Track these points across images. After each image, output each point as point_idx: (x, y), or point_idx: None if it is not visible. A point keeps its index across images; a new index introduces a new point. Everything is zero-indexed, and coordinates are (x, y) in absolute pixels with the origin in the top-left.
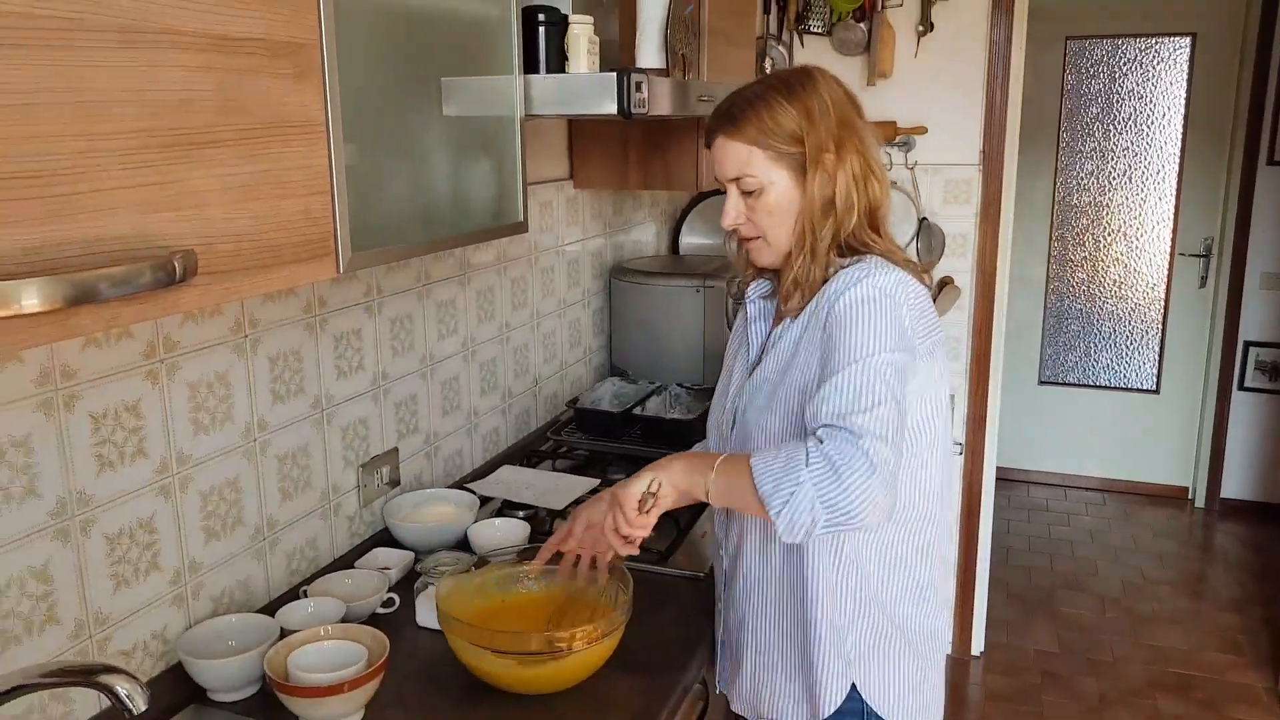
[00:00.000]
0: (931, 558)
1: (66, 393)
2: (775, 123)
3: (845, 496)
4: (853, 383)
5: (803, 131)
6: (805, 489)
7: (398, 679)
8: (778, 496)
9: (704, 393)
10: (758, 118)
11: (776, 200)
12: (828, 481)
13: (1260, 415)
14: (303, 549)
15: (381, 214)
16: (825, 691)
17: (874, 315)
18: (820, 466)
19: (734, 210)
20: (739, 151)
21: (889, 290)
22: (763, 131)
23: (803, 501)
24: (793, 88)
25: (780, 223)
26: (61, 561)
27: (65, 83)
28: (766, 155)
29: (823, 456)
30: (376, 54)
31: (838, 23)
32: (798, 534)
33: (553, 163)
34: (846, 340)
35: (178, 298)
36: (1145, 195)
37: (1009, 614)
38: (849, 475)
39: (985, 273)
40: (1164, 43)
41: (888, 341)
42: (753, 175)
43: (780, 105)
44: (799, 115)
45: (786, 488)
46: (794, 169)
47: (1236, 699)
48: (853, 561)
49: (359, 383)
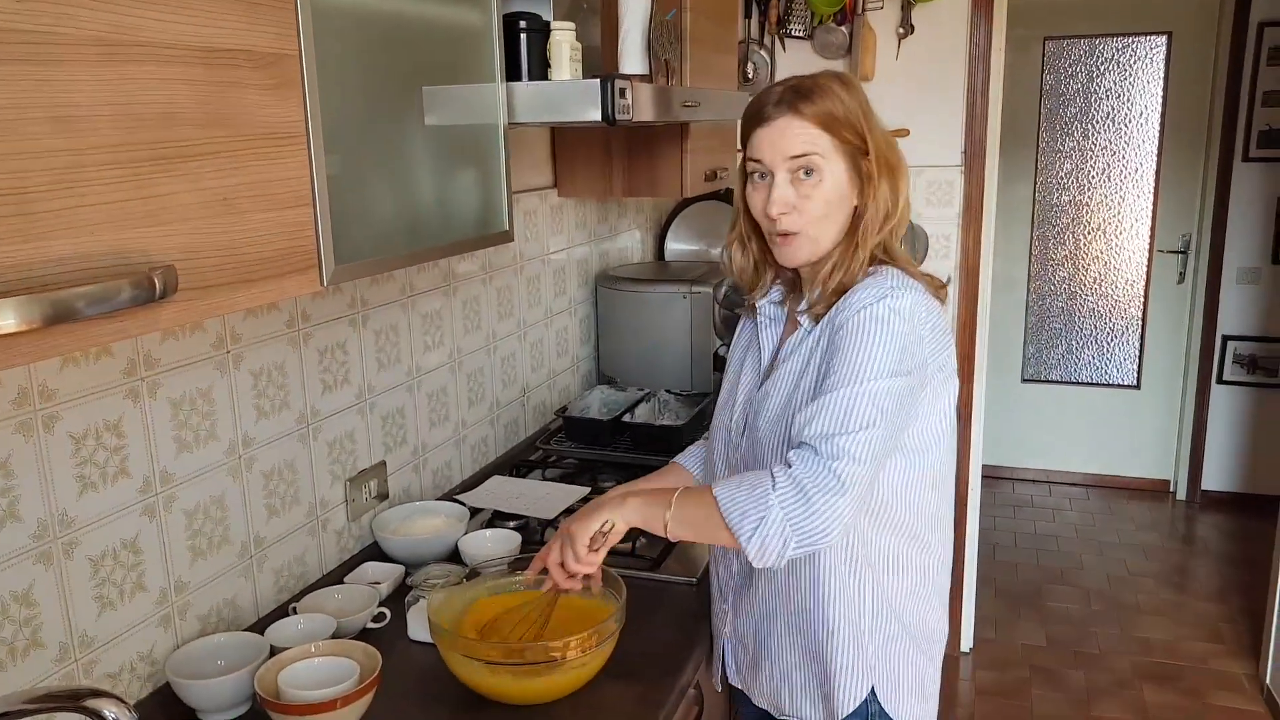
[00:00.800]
0: (937, 558)
1: (46, 413)
2: (846, 111)
3: (813, 519)
4: (843, 404)
5: (864, 129)
6: (774, 513)
7: (391, 694)
8: (747, 523)
9: (693, 399)
10: (831, 102)
11: (833, 188)
12: (796, 505)
13: (1239, 408)
14: (291, 565)
15: (365, 225)
16: (843, 693)
17: (883, 337)
18: (787, 491)
19: (784, 197)
20: (808, 131)
21: (905, 314)
22: (835, 117)
23: (772, 527)
24: (850, 87)
25: (831, 215)
26: (44, 585)
27: (43, 97)
28: (833, 142)
29: (790, 481)
30: (357, 64)
31: (819, 26)
32: (769, 559)
33: (536, 171)
34: (849, 358)
35: (158, 314)
36: (1124, 193)
37: (997, 609)
38: (817, 497)
39: (968, 273)
40: (1140, 42)
41: (890, 365)
42: (820, 155)
43: (848, 98)
44: (860, 112)
45: (754, 514)
46: (852, 164)
47: (1219, 686)
48: (866, 563)
49: (345, 396)
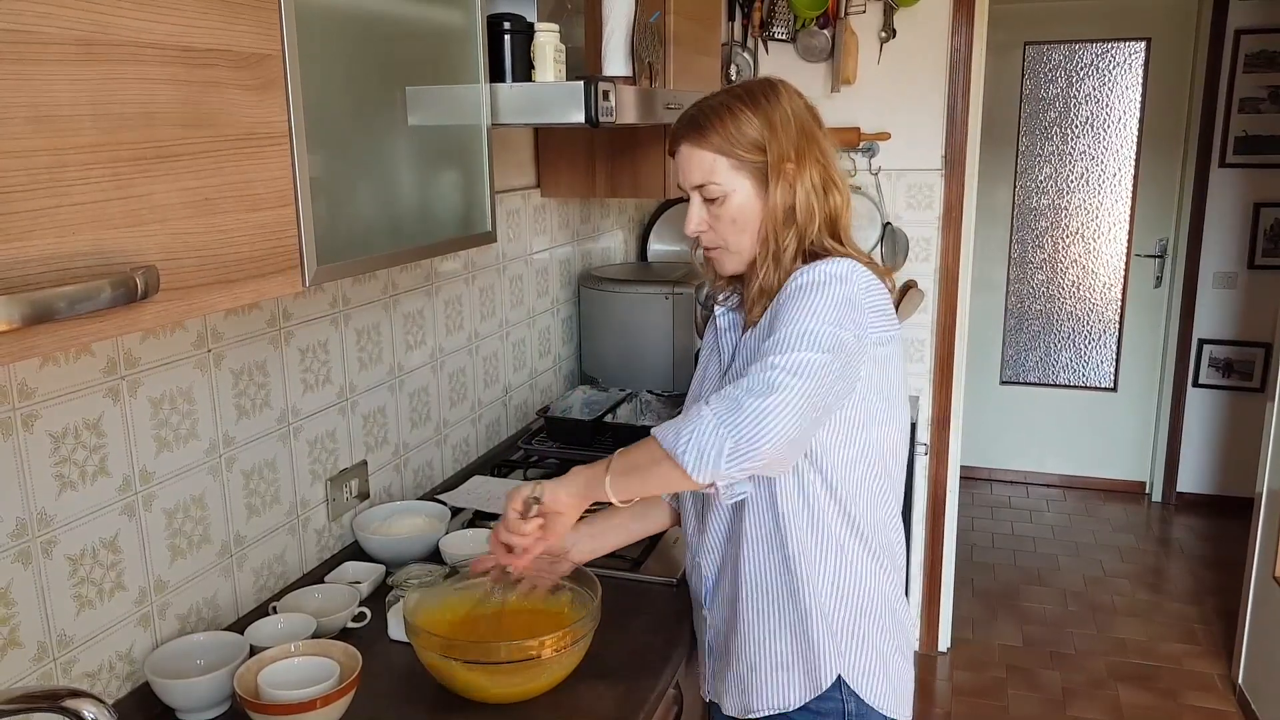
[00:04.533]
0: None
1: (25, 412)
2: (739, 131)
3: (745, 419)
4: (781, 338)
5: (765, 141)
6: (706, 420)
7: (371, 694)
8: (681, 438)
9: (675, 399)
10: (722, 126)
11: (739, 208)
12: (728, 410)
13: (1214, 411)
14: (271, 565)
15: (347, 225)
16: (808, 678)
17: (819, 295)
18: (718, 403)
19: (697, 218)
20: (703, 159)
21: (839, 275)
22: (726, 140)
23: (706, 431)
24: (756, 98)
25: (742, 230)
26: (23, 584)
27: (23, 96)
28: (730, 163)
29: (720, 396)
30: (340, 64)
31: (801, 29)
32: (707, 465)
33: (519, 171)
34: (787, 311)
35: (139, 315)
36: (1102, 198)
37: (974, 610)
38: (747, 400)
39: (948, 276)
40: (1119, 48)
41: (829, 316)
42: (716, 183)
43: (744, 114)
44: (761, 125)
45: (688, 428)
46: (756, 178)
47: (1193, 687)
48: (830, 538)
49: (326, 396)
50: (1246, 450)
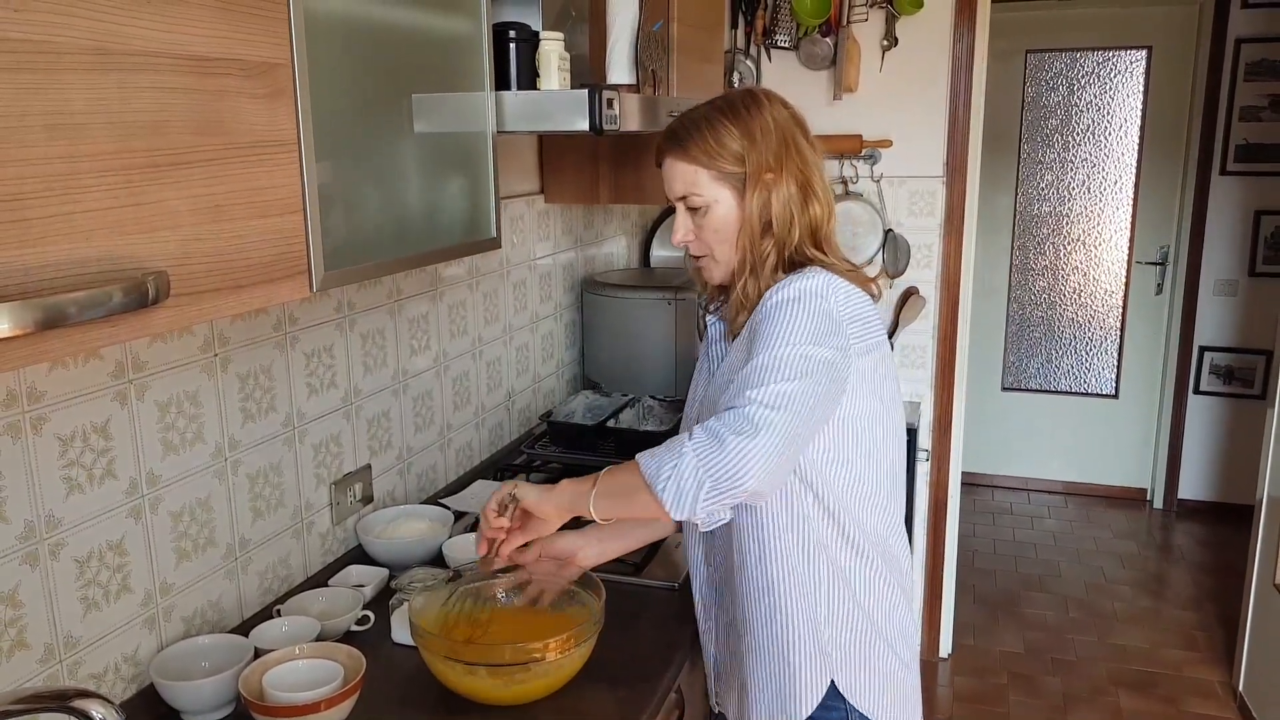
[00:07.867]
0: (894, 550)
1: (34, 415)
2: (719, 143)
3: (725, 460)
4: (760, 367)
5: (744, 152)
6: (687, 459)
7: (374, 696)
8: (662, 472)
9: (677, 404)
10: (702, 138)
11: (721, 218)
12: (708, 448)
13: (1215, 418)
14: (275, 568)
15: (354, 232)
16: (805, 689)
17: (795, 313)
18: (701, 438)
19: (683, 228)
20: (685, 171)
21: (815, 290)
22: (706, 152)
23: (685, 469)
24: (737, 109)
25: (725, 240)
26: (30, 585)
27: (38, 104)
28: (710, 175)
29: (704, 430)
30: (348, 72)
31: (804, 37)
32: (685, 503)
33: (523, 177)
34: (764, 335)
35: (150, 319)
36: (1103, 205)
37: (976, 616)
38: (730, 438)
39: (949, 282)
40: (1121, 56)
41: (807, 336)
42: (698, 194)
43: (724, 126)
44: (741, 136)
45: (669, 462)
46: (737, 189)
47: (1194, 694)
48: (820, 548)
49: (331, 400)
50: (1247, 457)
